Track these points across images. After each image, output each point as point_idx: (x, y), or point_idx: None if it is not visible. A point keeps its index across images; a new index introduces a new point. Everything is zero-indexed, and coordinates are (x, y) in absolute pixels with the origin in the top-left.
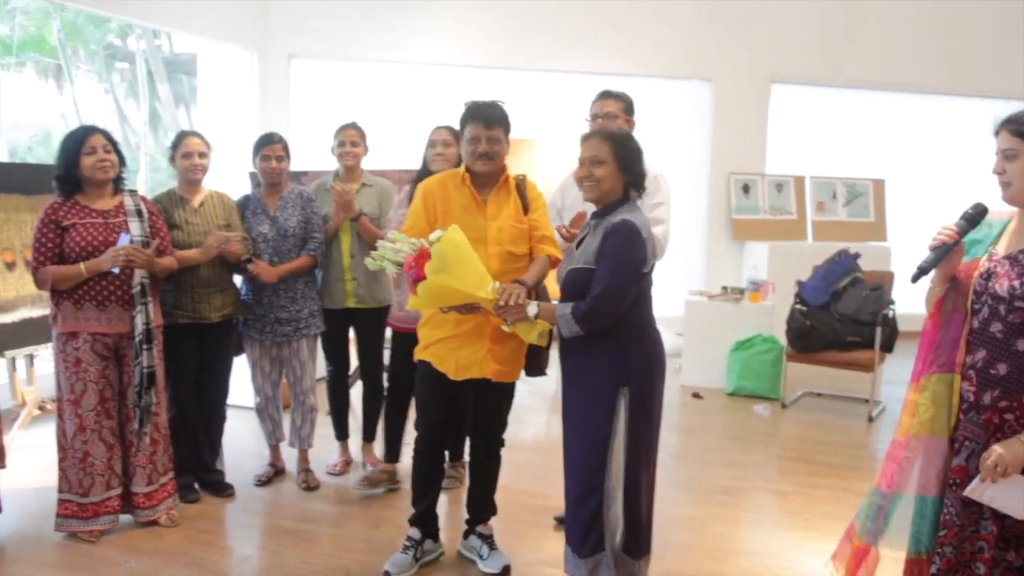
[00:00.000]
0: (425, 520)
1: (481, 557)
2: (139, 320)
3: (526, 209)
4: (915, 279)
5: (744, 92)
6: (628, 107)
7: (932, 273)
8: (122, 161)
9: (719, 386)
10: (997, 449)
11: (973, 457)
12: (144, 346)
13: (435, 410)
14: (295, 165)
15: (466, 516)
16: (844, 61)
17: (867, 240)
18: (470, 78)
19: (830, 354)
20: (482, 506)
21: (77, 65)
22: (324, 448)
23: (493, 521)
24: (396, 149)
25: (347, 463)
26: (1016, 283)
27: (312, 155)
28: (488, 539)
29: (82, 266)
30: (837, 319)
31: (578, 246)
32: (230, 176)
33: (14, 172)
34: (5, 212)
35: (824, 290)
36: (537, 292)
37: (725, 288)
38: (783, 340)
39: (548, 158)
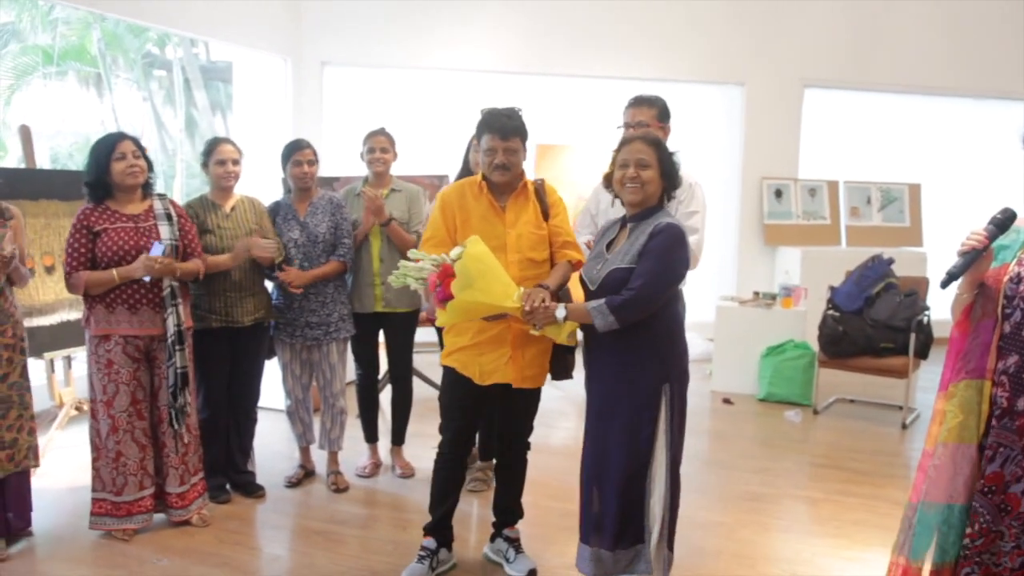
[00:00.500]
0: (440, 529)
1: (508, 560)
2: (171, 322)
3: (546, 215)
4: (944, 285)
5: (777, 96)
6: (662, 113)
7: (960, 280)
8: (150, 166)
9: (750, 392)
10: None
11: (1009, 464)
12: (176, 347)
13: (460, 415)
14: (328, 171)
15: (492, 519)
16: (877, 64)
17: (902, 245)
18: (502, 84)
19: (863, 360)
20: (508, 509)
21: (117, 73)
22: (354, 451)
23: (520, 524)
24: (427, 155)
25: (376, 465)
26: None
27: (344, 161)
28: (515, 542)
29: (115, 272)
30: (870, 325)
31: (608, 249)
32: (264, 182)
33: (53, 178)
34: (45, 217)
35: (857, 296)
36: (559, 296)
37: (757, 293)
38: (815, 346)
39: (580, 164)
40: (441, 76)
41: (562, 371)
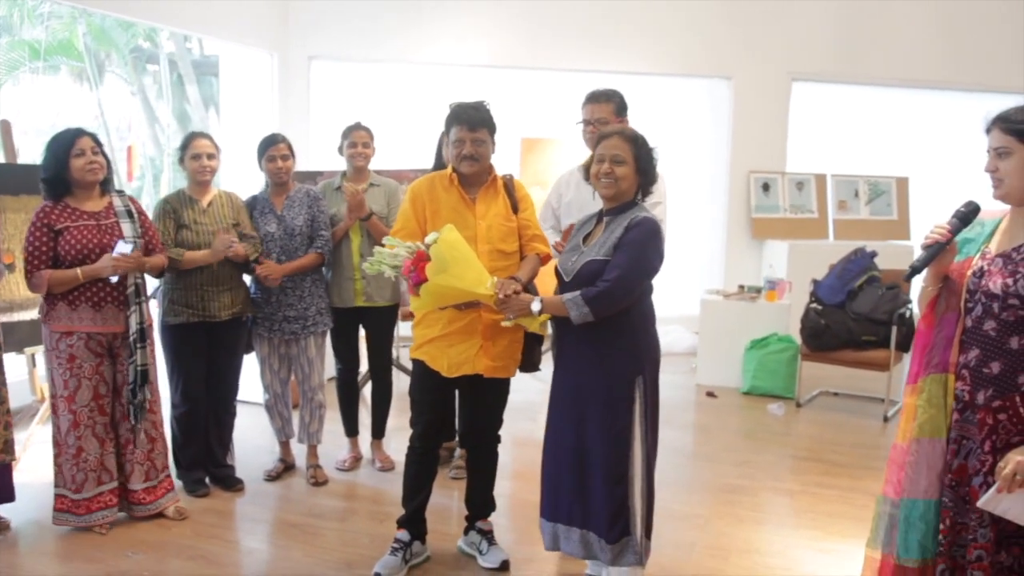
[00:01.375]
0: (413, 522)
1: (481, 552)
2: (133, 320)
3: (515, 208)
4: (908, 278)
5: (765, 90)
6: (619, 107)
7: (924, 273)
8: (109, 163)
9: (734, 385)
10: (1015, 457)
11: (971, 457)
12: (138, 345)
13: (429, 409)
14: (313, 165)
15: (465, 513)
16: (866, 58)
17: (890, 239)
18: (488, 78)
19: (845, 353)
20: (481, 502)
21: (111, 69)
22: (334, 444)
23: (502, 517)
24: (414, 149)
25: (356, 459)
26: (1009, 280)
27: (332, 156)
28: (488, 535)
29: (79, 272)
30: (852, 318)
31: (584, 242)
32: (251, 177)
33: (35, 173)
34: (26, 213)
35: (840, 289)
36: (528, 289)
37: (742, 287)
38: (799, 339)
39: (566, 158)
40: (428, 71)
41: (530, 364)
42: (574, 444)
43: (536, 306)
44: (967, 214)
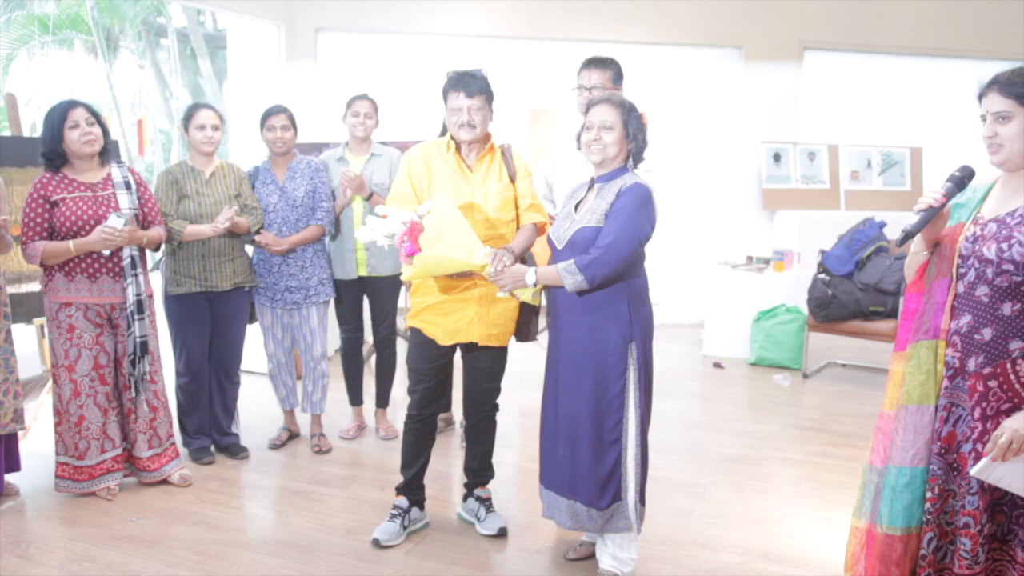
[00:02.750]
0: (412, 489)
1: (479, 519)
2: (130, 291)
3: (512, 177)
4: (901, 243)
5: (776, 59)
6: (616, 75)
7: (917, 238)
8: (106, 133)
9: (742, 356)
10: (1011, 424)
11: (961, 423)
12: (136, 316)
13: (426, 376)
14: (321, 136)
15: (464, 480)
16: (879, 26)
17: (903, 209)
18: (496, 48)
19: (852, 324)
20: (479, 469)
21: (124, 44)
22: (338, 413)
23: (503, 487)
24: (422, 120)
25: (360, 428)
26: (1004, 245)
27: (339, 127)
28: (486, 502)
29: (71, 244)
30: (860, 289)
31: (575, 209)
32: (257, 149)
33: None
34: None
35: (848, 259)
36: (525, 259)
37: (750, 258)
38: (807, 310)
39: (573, 128)
40: (436, 41)
41: (526, 334)
42: (567, 411)
43: (531, 278)
44: (962, 178)
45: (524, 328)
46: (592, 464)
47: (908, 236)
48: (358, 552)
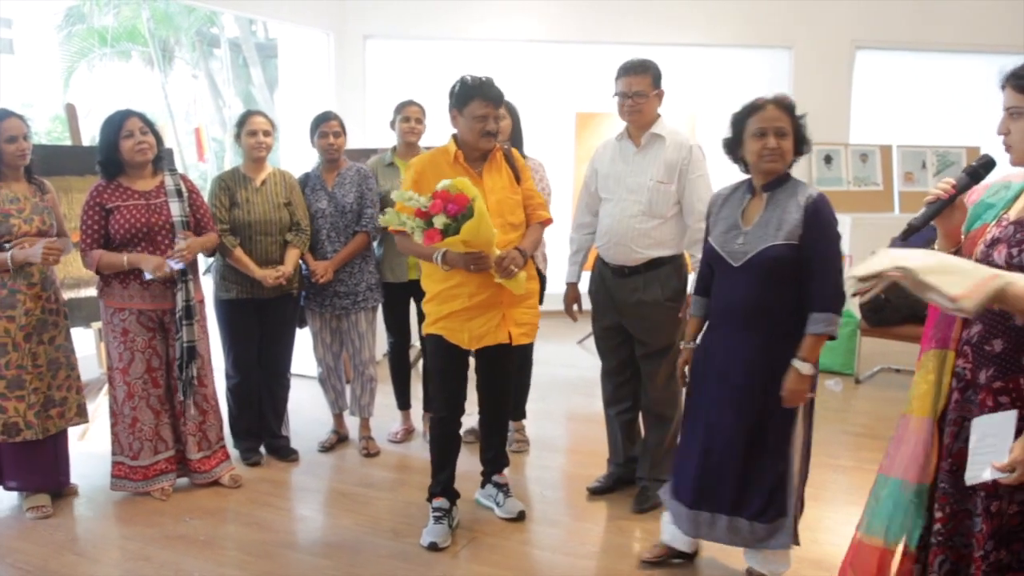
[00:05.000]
0: (448, 489)
1: (498, 504)
2: (180, 297)
3: (517, 179)
4: (904, 237)
5: (826, 59)
6: (656, 78)
7: (940, 235)
8: (159, 141)
9: None
10: (1019, 449)
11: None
12: (185, 321)
13: (451, 381)
14: (370, 142)
15: (481, 469)
16: (933, 24)
17: None
18: (543, 53)
19: (906, 328)
20: (495, 459)
21: (179, 55)
22: (387, 417)
23: (547, 491)
24: None
25: (408, 431)
26: (1014, 250)
27: (388, 133)
28: (504, 487)
29: (125, 259)
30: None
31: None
32: (308, 156)
33: None
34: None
35: None
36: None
37: None
38: (859, 315)
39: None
40: (483, 47)
41: None
42: (730, 426)
43: (807, 369)
44: (977, 169)
45: None
46: (759, 478)
47: (913, 229)
48: (406, 554)
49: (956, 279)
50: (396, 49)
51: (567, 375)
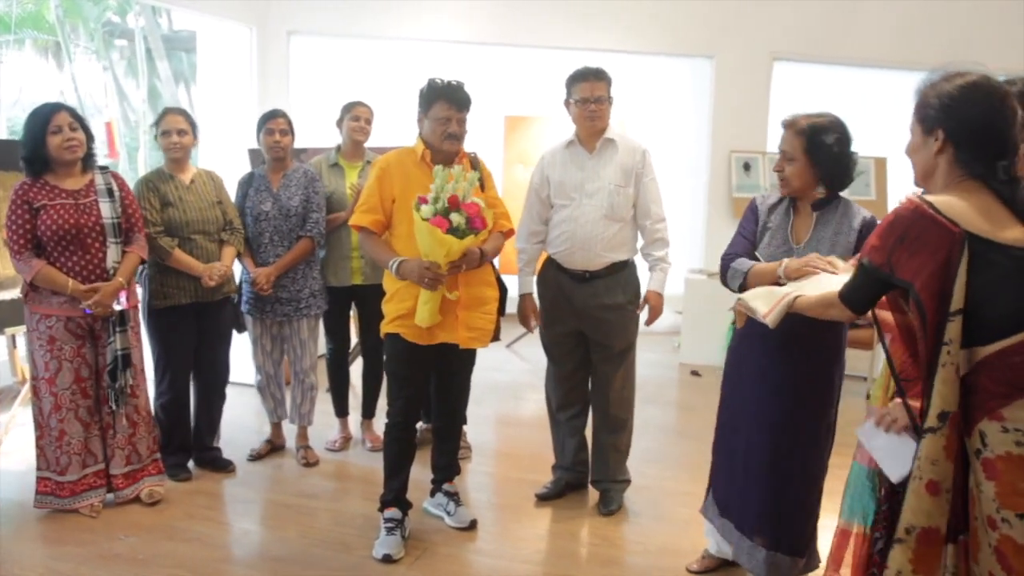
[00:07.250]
0: (402, 499)
1: (449, 513)
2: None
3: (483, 185)
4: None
5: (746, 70)
6: (610, 84)
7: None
8: (90, 138)
9: (718, 364)
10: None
11: None
12: (118, 328)
13: (409, 382)
14: (296, 142)
15: (432, 477)
16: (847, 39)
17: None
18: (469, 55)
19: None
20: (447, 466)
21: (76, 43)
22: (324, 424)
23: (491, 497)
24: (397, 126)
25: (347, 439)
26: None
27: (312, 132)
28: (454, 496)
29: (69, 286)
30: None
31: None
32: (229, 153)
33: (13, 149)
34: (4, 190)
35: None
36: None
37: None
38: None
39: (550, 135)
40: (409, 47)
41: (496, 335)
42: (768, 445)
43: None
44: None
45: (496, 331)
46: (806, 504)
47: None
48: (359, 568)
49: (764, 301)
50: (321, 46)
51: (498, 379)
